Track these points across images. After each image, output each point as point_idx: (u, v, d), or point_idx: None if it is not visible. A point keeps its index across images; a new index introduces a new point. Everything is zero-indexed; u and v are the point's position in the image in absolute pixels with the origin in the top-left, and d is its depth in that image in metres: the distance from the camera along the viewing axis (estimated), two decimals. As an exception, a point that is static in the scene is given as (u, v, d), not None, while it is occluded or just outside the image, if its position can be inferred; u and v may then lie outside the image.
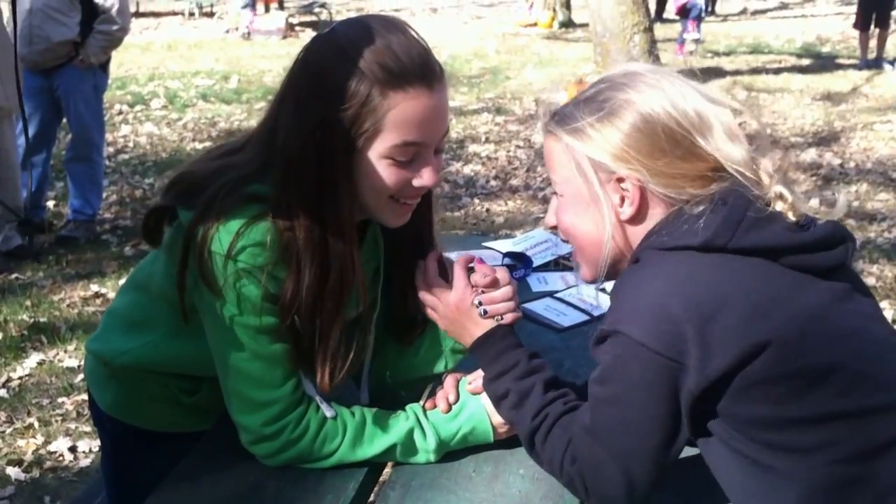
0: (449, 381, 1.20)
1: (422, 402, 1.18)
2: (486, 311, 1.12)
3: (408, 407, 1.17)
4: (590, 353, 0.98)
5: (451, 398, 1.16)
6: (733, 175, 0.95)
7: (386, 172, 1.02)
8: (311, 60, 1.02)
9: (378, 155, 1.01)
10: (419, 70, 0.99)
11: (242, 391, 1.08)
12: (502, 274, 1.15)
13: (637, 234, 1.00)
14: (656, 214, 0.98)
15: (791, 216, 0.94)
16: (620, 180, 0.97)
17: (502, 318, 1.13)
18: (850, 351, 0.91)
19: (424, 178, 1.05)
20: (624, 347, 0.92)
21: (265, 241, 1.01)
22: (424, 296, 1.16)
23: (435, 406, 1.17)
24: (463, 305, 1.13)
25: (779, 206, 0.94)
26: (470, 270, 1.16)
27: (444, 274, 1.17)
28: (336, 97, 0.97)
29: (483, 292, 1.13)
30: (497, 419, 1.14)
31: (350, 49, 0.98)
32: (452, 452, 1.16)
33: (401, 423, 1.13)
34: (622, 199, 0.98)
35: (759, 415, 0.91)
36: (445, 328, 1.17)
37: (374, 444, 1.12)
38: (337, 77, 0.98)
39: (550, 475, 1.04)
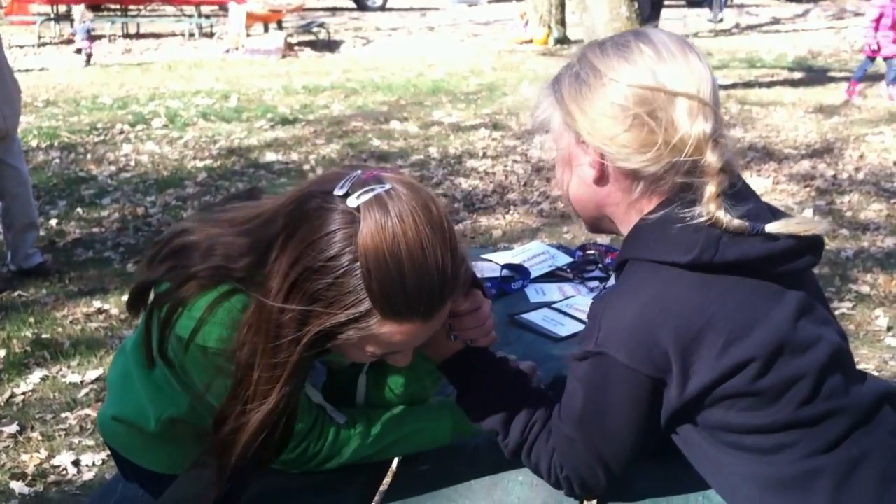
0: None
1: None
2: (455, 336, 1.09)
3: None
4: (566, 363, 1.01)
5: None
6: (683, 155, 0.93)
7: (356, 356, 0.99)
8: (321, 243, 0.88)
9: (355, 346, 0.95)
10: (424, 307, 0.91)
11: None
12: (474, 297, 1.08)
13: (607, 195, 1.00)
14: (619, 179, 0.99)
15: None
16: (584, 143, 0.99)
17: (473, 342, 1.10)
18: (812, 362, 0.95)
19: (397, 362, 1.02)
20: (610, 369, 0.94)
21: (234, 322, 0.96)
22: None
23: None
24: None
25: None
26: None
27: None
28: (329, 296, 0.89)
29: (453, 315, 1.06)
30: None
31: (363, 259, 0.87)
32: (450, 460, 1.18)
33: (411, 409, 1.16)
34: (591, 162, 0.99)
35: (725, 421, 0.95)
36: None
37: (389, 434, 1.14)
38: (337, 277, 0.88)
39: (535, 474, 1.08)
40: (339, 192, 0.90)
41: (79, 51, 10.12)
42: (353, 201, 0.89)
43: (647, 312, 0.92)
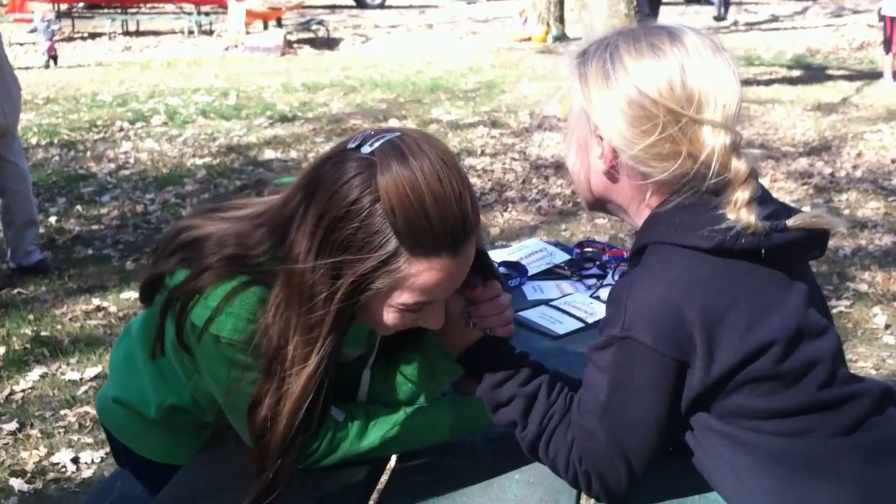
0: None
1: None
2: (474, 324, 1.08)
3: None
4: (586, 354, 1.00)
5: None
6: (705, 167, 0.93)
7: (389, 317, 0.97)
8: (342, 190, 0.90)
9: (384, 303, 0.96)
10: (450, 239, 0.91)
11: None
12: (492, 286, 1.08)
13: (616, 188, 1.01)
14: (631, 177, 0.99)
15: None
16: (601, 137, 0.99)
17: (491, 331, 1.09)
18: (826, 347, 0.97)
19: (429, 322, 1.01)
20: (635, 352, 0.93)
21: (250, 314, 0.97)
22: None
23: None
24: (449, 310, 1.05)
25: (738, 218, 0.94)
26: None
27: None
28: (358, 241, 0.90)
29: (472, 302, 1.07)
30: None
31: (385, 197, 0.88)
32: (448, 458, 1.18)
33: (410, 408, 1.15)
34: (602, 155, 1.00)
35: (745, 406, 0.96)
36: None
37: (388, 432, 1.12)
38: (363, 219, 0.89)
39: (553, 472, 1.06)
40: (351, 146, 0.93)
41: (45, 53, 9.86)
42: (366, 149, 0.91)
43: (674, 292, 0.92)
